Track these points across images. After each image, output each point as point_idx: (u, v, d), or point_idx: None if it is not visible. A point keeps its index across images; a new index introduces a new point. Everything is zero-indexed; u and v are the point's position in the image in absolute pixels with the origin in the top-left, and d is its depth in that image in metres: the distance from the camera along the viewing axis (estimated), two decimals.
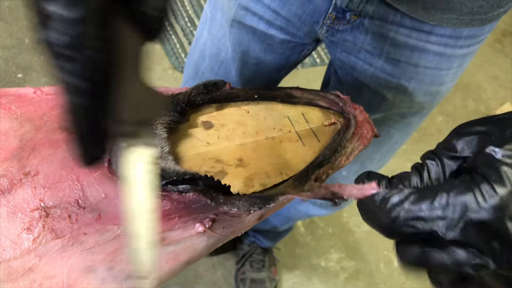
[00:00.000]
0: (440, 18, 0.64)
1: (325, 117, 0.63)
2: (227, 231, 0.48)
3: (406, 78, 0.73)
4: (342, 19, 0.69)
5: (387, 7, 0.65)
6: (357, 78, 0.77)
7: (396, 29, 0.67)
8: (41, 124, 0.49)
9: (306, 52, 0.83)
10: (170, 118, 0.53)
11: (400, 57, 0.70)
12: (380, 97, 0.78)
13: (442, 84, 0.76)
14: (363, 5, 0.66)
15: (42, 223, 0.41)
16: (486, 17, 0.64)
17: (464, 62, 0.75)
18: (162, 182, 0.44)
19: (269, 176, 0.55)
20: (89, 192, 0.44)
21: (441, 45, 0.68)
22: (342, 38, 0.73)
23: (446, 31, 0.66)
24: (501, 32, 2.87)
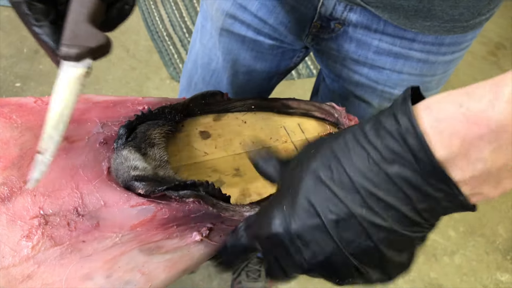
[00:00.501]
0: (422, 26, 0.65)
1: (321, 128, 0.64)
2: (224, 239, 0.48)
3: (390, 85, 0.74)
4: (326, 27, 0.71)
5: (370, 15, 0.66)
6: (343, 86, 0.79)
7: (380, 37, 0.68)
8: (41, 133, 0.49)
9: (297, 59, 0.84)
10: (168, 128, 0.54)
11: (384, 64, 0.72)
12: (366, 104, 0.79)
13: (426, 90, 0.77)
14: (347, 13, 0.67)
15: (41, 230, 0.42)
16: (468, 25, 0.66)
17: (448, 69, 0.76)
18: (163, 188, 0.45)
19: (265, 186, 0.55)
20: (88, 200, 0.45)
21: (424, 52, 0.70)
22: (328, 46, 0.74)
23: (429, 38, 0.68)
24: (494, 45, 2.91)
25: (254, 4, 0.73)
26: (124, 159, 0.48)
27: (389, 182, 0.32)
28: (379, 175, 0.32)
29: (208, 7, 0.81)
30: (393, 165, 0.32)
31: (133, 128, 0.53)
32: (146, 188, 0.45)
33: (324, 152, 0.36)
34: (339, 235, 0.34)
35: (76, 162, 0.48)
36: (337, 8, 0.67)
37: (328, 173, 0.34)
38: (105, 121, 0.53)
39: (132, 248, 0.44)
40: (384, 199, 0.32)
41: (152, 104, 0.57)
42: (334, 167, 0.34)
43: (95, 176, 0.47)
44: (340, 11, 0.67)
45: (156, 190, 0.45)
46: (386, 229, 0.33)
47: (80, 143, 0.50)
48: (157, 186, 0.45)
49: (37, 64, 1.92)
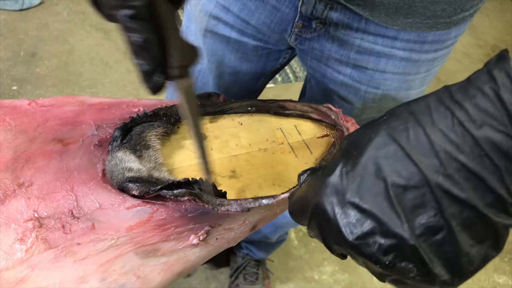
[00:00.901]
0: (403, 23, 0.64)
1: (318, 129, 0.64)
2: (220, 242, 0.48)
3: (374, 85, 0.74)
4: (308, 27, 0.70)
5: (351, 14, 0.66)
6: (327, 86, 0.78)
7: (361, 36, 0.68)
8: (35, 135, 0.49)
9: (283, 60, 0.83)
10: (163, 130, 0.54)
11: (367, 64, 0.71)
12: (350, 105, 0.79)
13: (410, 88, 0.77)
14: (327, 11, 0.67)
15: (35, 233, 0.41)
16: (451, 21, 0.65)
17: (432, 67, 0.75)
18: (157, 187, 0.44)
19: (261, 188, 0.55)
20: (84, 202, 0.44)
21: (407, 50, 0.69)
22: (311, 46, 0.74)
23: (411, 36, 0.67)
24: (491, 48, 2.92)
25: (236, 5, 0.72)
26: (119, 161, 0.47)
27: (475, 147, 0.28)
28: (464, 137, 0.28)
29: (192, 8, 0.80)
30: (482, 127, 0.28)
31: (128, 130, 0.52)
32: (140, 189, 0.45)
33: (401, 113, 0.32)
34: (403, 205, 0.29)
35: (70, 164, 0.47)
36: (318, 7, 0.66)
37: (403, 133, 0.30)
38: (100, 123, 0.53)
39: (128, 251, 0.43)
40: (466, 166, 0.28)
41: (147, 106, 0.56)
42: (411, 127, 0.30)
43: (90, 178, 0.46)
44: (321, 9, 0.67)
45: (150, 191, 0.44)
46: (463, 203, 0.28)
47: (75, 146, 0.49)
48: (151, 187, 0.45)
49: (34, 67, 1.92)
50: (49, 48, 2.02)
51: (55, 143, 0.49)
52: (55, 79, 1.90)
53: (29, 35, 2.04)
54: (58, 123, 0.51)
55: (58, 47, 2.03)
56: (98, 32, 2.16)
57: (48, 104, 0.52)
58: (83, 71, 1.98)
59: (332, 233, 0.32)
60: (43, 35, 2.06)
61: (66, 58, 2.00)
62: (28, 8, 2.14)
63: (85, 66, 2.00)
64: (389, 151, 0.30)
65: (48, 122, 0.51)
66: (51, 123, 0.51)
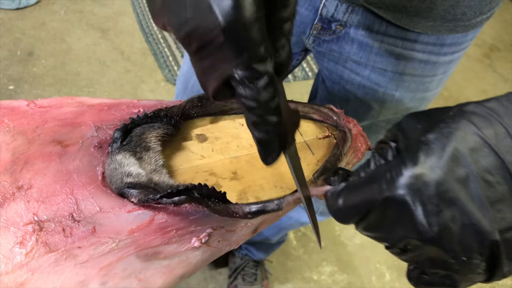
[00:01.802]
0: (424, 26, 0.65)
1: (319, 130, 0.63)
2: (222, 244, 0.48)
3: (392, 87, 0.74)
4: (328, 29, 0.70)
5: (372, 16, 0.66)
6: (344, 87, 0.78)
7: (382, 38, 0.68)
8: (34, 137, 0.48)
9: (295, 62, 0.83)
10: (164, 131, 0.53)
11: (386, 66, 0.71)
12: (367, 106, 0.79)
13: (427, 90, 0.77)
14: (349, 15, 0.67)
15: (35, 237, 0.41)
16: (469, 24, 0.66)
17: (448, 69, 0.76)
18: (156, 196, 0.44)
19: (263, 189, 0.55)
20: (84, 205, 0.44)
21: (426, 52, 0.69)
22: (329, 48, 0.74)
23: (431, 39, 0.68)
24: (489, 47, 2.92)
25: None
26: (118, 165, 0.47)
27: None
28: None
29: None
30: None
31: (128, 132, 0.52)
32: (139, 196, 0.44)
33: (474, 110, 0.32)
34: (488, 199, 0.30)
35: (70, 166, 0.47)
36: (339, 10, 0.66)
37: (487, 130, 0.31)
38: (100, 124, 0.52)
39: (129, 254, 0.43)
40: None
41: (147, 107, 0.56)
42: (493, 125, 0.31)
43: (90, 182, 0.46)
44: (342, 12, 0.67)
45: (149, 199, 0.44)
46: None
47: (74, 147, 0.49)
48: (150, 194, 0.44)
49: (31, 66, 1.91)
50: (46, 47, 2.01)
51: (54, 145, 0.48)
52: (52, 79, 1.89)
53: (26, 34, 2.03)
54: (57, 124, 0.50)
55: (55, 46, 2.02)
56: (95, 32, 2.15)
57: (47, 105, 0.52)
58: (80, 70, 1.97)
59: (408, 226, 0.32)
60: (40, 34, 2.05)
61: (63, 57, 1.99)
62: (25, 7, 2.13)
63: (82, 66, 1.99)
64: (475, 145, 0.30)
65: (47, 123, 0.50)
66: (50, 124, 0.50)
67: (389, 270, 1.78)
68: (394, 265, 1.78)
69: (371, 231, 0.36)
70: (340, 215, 0.38)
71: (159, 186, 0.46)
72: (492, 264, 0.31)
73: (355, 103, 0.79)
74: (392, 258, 1.79)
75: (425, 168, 0.31)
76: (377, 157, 0.38)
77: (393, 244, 0.35)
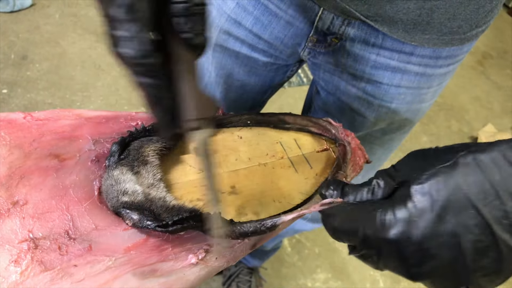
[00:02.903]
0: (421, 39, 0.65)
1: (317, 143, 0.63)
2: (219, 261, 0.47)
3: (388, 99, 0.74)
4: (323, 42, 0.70)
5: (368, 29, 0.66)
6: (339, 98, 0.78)
7: (378, 51, 0.68)
8: (30, 150, 0.48)
9: (290, 73, 0.83)
10: (162, 145, 0.53)
11: (382, 79, 0.71)
12: (362, 118, 0.79)
13: (422, 102, 0.77)
14: (345, 27, 0.67)
15: (30, 255, 0.40)
16: (465, 37, 0.66)
17: (443, 80, 0.76)
18: (151, 225, 0.43)
19: (261, 204, 0.54)
20: (79, 222, 0.43)
21: (422, 65, 0.70)
22: (324, 60, 0.73)
23: (427, 52, 0.68)
24: (482, 55, 2.95)
25: (248, 19, 0.72)
26: (115, 181, 0.46)
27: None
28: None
29: None
30: None
31: (126, 145, 0.51)
32: (133, 221, 0.44)
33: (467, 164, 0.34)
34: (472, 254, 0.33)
35: (66, 181, 0.46)
36: (335, 23, 0.66)
37: (474, 189, 0.33)
38: (97, 137, 0.51)
39: (125, 272, 0.42)
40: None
41: (145, 119, 0.55)
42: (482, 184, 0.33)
43: (86, 198, 0.45)
44: (338, 25, 0.67)
45: (143, 227, 0.43)
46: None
47: (71, 161, 0.48)
48: (146, 218, 0.44)
49: (24, 70, 1.89)
50: (41, 51, 1.99)
51: (51, 159, 0.48)
52: (46, 83, 1.88)
53: (20, 37, 2.01)
54: (54, 137, 0.50)
55: (49, 50, 2.01)
56: (91, 35, 2.14)
57: (44, 118, 0.51)
58: (75, 74, 1.96)
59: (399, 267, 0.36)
60: (35, 38, 2.03)
61: (57, 61, 1.98)
62: (19, 10, 2.11)
63: (77, 70, 1.97)
64: (462, 205, 0.33)
65: (44, 136, 0.49)
66: (47, 137, 0.49)
67: (382, 277, 1.78)
68: (388, 272, 1.78)
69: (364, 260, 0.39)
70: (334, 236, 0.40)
71: (155, 205, 0.46)
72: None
73: (350, 114, 0.79)
74: None
75: (414, 217, 0.34)
76: (371, 188, 0.40)
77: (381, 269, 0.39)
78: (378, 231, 0.35)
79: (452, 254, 0.33)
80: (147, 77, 0.35)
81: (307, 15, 0.68)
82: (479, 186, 0.33)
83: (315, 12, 0.67)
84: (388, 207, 0.36)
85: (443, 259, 0.33)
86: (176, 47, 0.37)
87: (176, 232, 0.44)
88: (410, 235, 0.34)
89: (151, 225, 0.43)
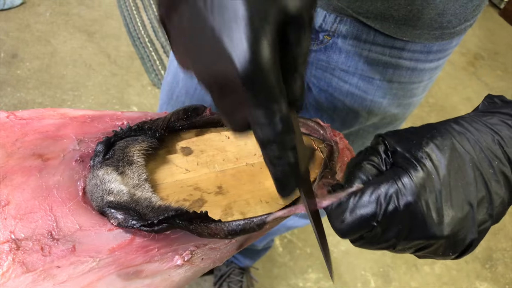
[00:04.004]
0: (412, 34, 0.66)
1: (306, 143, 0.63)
2: (205, 262, 0.47)
3: (380, 94, 0.75)
4: (315, 39, 0.71)
5: (360, 26, 0.66)
6: (332, 95, 0.78)
7: (369, 47, 0.69)
8: (13, 150, 0.47)
9: None
10: (148, 145, 0.52)
11: (374, 74, 0.72)
12: (355, 113, 0.79)
13: (414, 96, 0.79)
14: (337, 25, 0.67)
15: (12, 256, 0.39)
16: (455, 31, 0.68)
17: (434, 74, 0.78)
18: (136, 224, 0.43)
19: (249, 204, 0.54)
20: (63, 223, 0.43)
21: (413, 60, 0.71)
22: (317, 57, 0.74)
23: (417, 47, 0.69)
24: (473, 56, 2.96)
25: None
26: (100, 181, 0.45)
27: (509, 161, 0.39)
28: (503, 155, 0.39)
29: None
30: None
31: (111, 145, 0.51)
32: (118, 220, 0.43)
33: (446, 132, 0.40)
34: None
35: (50, 181, 0.45)
36: (327, 20, 0.67)
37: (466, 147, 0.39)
38: (82, 137, 0.51)
39: (110, 273, 0.42)
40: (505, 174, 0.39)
41: (131, 119, 0.55)
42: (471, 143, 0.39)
43: (70, 198, 0.44)
44: (330, 22, 0.67)
45: (129, 226, 0.43)
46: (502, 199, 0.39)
47: (55, 161, 0.47)
48: (131, 218, 0.43)
49: (14, 69, 1.87)
50: (31, 49, 1.98)
51: (35, 159, 0.47)
52: (36, 82, 1.87)
53: (10, 36, 1.99)
54: (38, 137, 0.49)
55: (40, 49, 1.99)
56: (82, 34, 2.13)
57: (27, 117, 0.50)
58: (66, 73, 1.94)
59: (420, 228, 0.38)
60: (25, 36, 2.02)
61: (48, 60, 1.96)
62: (9, 8, 2.09)
63: (67, 69, 1.96)
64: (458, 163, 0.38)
65: (28, 136, 0.49)
66: (30, 137, 0.49)
67: (374, 277, 1.78)
68: (379, 272, 1.79)
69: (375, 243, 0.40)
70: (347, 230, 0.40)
71: (140, 205, 0.45)
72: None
73: (343, 110, 0.79)
74: (377, 265, 1.80)
75: (427, 174, 0.37)
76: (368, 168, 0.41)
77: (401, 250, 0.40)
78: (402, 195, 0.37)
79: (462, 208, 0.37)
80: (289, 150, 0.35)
81: None
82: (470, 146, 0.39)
83: None
84: (401, 173, 0.38)
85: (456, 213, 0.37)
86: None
87: (162, 231, 0.44)
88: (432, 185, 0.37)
89: (136, 224, 0.43)
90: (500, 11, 3.38)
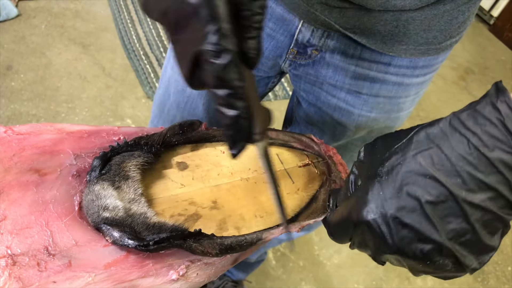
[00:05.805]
0: (398, 49, 0.67)
1: (299, 158, 0.64)
2: (201, 277, 0.47)
3: (367, 108, 0.76)
4: (303, 54, 0.72)
5: (347, 41, 0.68)
6: (321, 109, 0.79)
7: (357, 62, 0.70)
8: (10, 165, 0.47)
9: (271, 85, 0.84)
10: (144, 160, 0.53)
11: (361, 89, 0.73)
12: (343, 127, 0.80)
13: (401, 110, 0.80)
14: (324, 39, 0.69)
15: (8, 271, 0.40)
16: (440, 47, 0.69)
17: (421, 89, 0.79)
18: (132, 244, 0.43)
19: (243, 219, 0.55)
20: (59, 238, 0.43)
21: (400, 75, 0.72)
22: (305, 71, 0.75)
23: (404, 62, 0.70)
24: (464, 70, 3.01)
25: None
26: (96, 196, 0.46)
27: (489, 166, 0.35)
28: (480, 159, 0.36)
29: None
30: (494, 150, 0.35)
31: (108, 160, 0.51)
32: (114, 238, 0.44)
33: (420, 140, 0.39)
34: (436, 216, 0.36)
35: (46, 196, 0.46)
36: (315, 35, 0.68)
37: (428, 159, 0.37)
38: (79, 152, 0.51)
39: None
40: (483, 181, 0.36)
41: (128, 134, 0.56)
42: (434, 153, 0.37)
43: (66, 213, 0.45)
44: (318, 37, 0.68)
45: (124, 245, 0.43)
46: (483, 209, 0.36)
47: (52, 176, 0.48)
48: (126, 236, 0.44)
49: (8, 80, 1.87)
50: (25, 61, 1.98)
51: (32, 174, 0.47)
52: (30, 93, 1.86)
53: (5, 47, 2.00)
54: (35, 152, 0.49)
55: (34, 61, 2.00)
56: (77, 47, 2.13)
57: (25, 132, 0.51)
58: (60, 85, 1.94)
59: (380, 243, 0.39)
60: (20, 48, 2.02)
61: (42, 72, 1.96)
62: (5, 20, 2.10)
63: (62, 81, 1.96)
64: (418, 176, 0.37)
65: (25, 151, 0.49)
66: (28, 152, 0.49)
67: None
68: (372, 285, 1.79)
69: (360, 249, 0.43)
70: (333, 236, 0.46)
71: (136, 222, 0.46)
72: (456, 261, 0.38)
73: (331, 124, 0.81)
74: (370, 278, 1.80)
75: (380, 199, 0.38)
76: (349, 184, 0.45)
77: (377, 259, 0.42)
78: (360, 215, 0.39)
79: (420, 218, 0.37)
80: (239, 100, 0.36)
81: (288, 27, 0.70)
82: (431, 155, 0.37)
83: (295, 24, 0.69)
84: (363, 192, 0.40)
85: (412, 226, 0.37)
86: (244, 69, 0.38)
87: (157, 251, 0.44)
88: (383, 210, 0.38)
89: (132, 244, 0.44)
90: (490, 26, 3.44)
